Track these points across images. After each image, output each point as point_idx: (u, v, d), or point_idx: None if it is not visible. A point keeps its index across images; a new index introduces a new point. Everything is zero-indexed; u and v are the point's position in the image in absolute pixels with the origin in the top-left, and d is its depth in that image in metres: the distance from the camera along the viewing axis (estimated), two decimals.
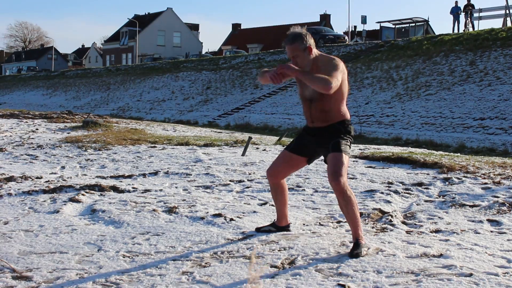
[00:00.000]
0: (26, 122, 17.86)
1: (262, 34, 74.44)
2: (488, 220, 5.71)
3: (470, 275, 4.07)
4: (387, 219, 5.75)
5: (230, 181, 7.96)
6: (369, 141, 17.81)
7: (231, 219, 5.72)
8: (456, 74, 25.94)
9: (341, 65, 4.66)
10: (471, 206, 6.25)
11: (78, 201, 6.65)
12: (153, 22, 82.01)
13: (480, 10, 36.40)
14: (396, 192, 7.04)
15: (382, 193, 6.98)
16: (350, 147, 4.80)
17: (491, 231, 5.33)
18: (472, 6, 36.29)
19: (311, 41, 4.72)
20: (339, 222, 5.70)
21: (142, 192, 7.24)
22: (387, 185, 7.45)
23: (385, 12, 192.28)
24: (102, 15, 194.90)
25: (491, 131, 19.08)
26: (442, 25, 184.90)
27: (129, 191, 7.31)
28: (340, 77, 4.58)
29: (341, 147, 4.67)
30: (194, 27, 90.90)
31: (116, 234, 5.28)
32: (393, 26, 44.16)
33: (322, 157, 4.96)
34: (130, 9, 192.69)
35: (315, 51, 4.74)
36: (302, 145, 5.00)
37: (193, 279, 4.08)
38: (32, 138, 13.21)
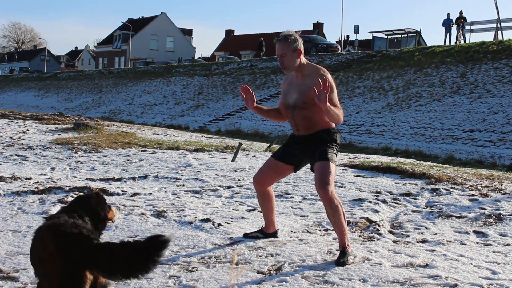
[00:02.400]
0: (17, 122, 17.80)
1: (255, 41, 74.38)
2: (474, 232, 5.76)
3: (455, 285, 4.11)
4: (374, 228, 5.78)
5: (219, 186, 7.98)
6: (359, 150, 17.86)
7: (219, 225, 5.74)
8: (446, 86, 26.09)
9: (332, 81, 4.74)
10: (458, 217, 6.30)
11: (67, 203, 6.63)
12: (147, 26, 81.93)
13: (472, 23, 36.65)
14: (384, 201, 7.09)
15: (370, 202, 7.03)
16: (336, 155, 4.85)
17: (477, 243, 5.38)
18: (464, 18, 36.54)
19: (302, 46, 4.81)
20: (326, 230, 5.73)
21: (131, 196, 7.24)
22: (375, 194, 7.49)
23: (378, 22, 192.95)
24: (96, 18, 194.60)
25: (480, 143, 19.19)
26: (434, 37, 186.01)
27: (118, 194, 7.31)
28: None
29: (327, 156, 4.71)
30: (188, 32, 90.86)
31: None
32: (386, 37, 44.36)
33: (309, 165, 5.00)
34: (124, 13, 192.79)
35: (303, 58, 4.81)
36: (288, 153, 5.04)
37: (180, 283, 4.10)
38: (23, 139, 13.18)
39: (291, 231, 5.66)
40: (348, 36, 69.00)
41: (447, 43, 36.74)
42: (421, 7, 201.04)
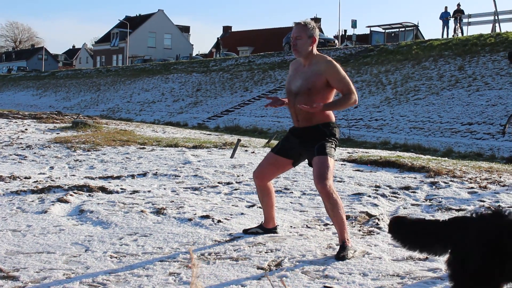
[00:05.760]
0: (16, 122, 17.79)
1: (252, 37, 74.45)
2: None
3: None
4: (374, 222, 5.79)
5: (219, 183, 7.98)
6: (358, 145, 17.87)
7: (219, 221, 5.74)
8: (444, 79, 26.08)
9: (338, 66, 4.84)
10: (457, 210, 6.30)
11: (66, 202, 6.64)
12: (144, 23, 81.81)
13: (469, 16, 36.61)
14: (383, 195, 7.09)
15: (369, 196, 7.03)
16: (335, 150, 4.86)
17: None
18: (462, 11, 36.51)
19: (317, 36, 4.96)
20: (326, 224, 5.74)
21: (131, 193, 7.24)
22: (375, 188, 7.50)
23: (375, 16, 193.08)
24: (93, 16, 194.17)
25: (478, 136, 19.20)
26: (432, 30, 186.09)
27: (117, 192, 7.31)
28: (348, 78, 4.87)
29: (326, 150, 4.71)
30: (185, 29, 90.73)
31: (103, 235, 5.28)
32: (383, 31, 44.32)
33: (307, 160, 5.01)
34: (121, 11, 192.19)
35: (315, 49, 4.96)
36: (287, 147, 5.05)
37: (180, 280, 4.10)
38: (21, 138, 13.17)
39: (291, 227, 5.66)
40: (345, 31, 69.07)
41: (445, 36, 36.70)
42: (419, 1, 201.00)
